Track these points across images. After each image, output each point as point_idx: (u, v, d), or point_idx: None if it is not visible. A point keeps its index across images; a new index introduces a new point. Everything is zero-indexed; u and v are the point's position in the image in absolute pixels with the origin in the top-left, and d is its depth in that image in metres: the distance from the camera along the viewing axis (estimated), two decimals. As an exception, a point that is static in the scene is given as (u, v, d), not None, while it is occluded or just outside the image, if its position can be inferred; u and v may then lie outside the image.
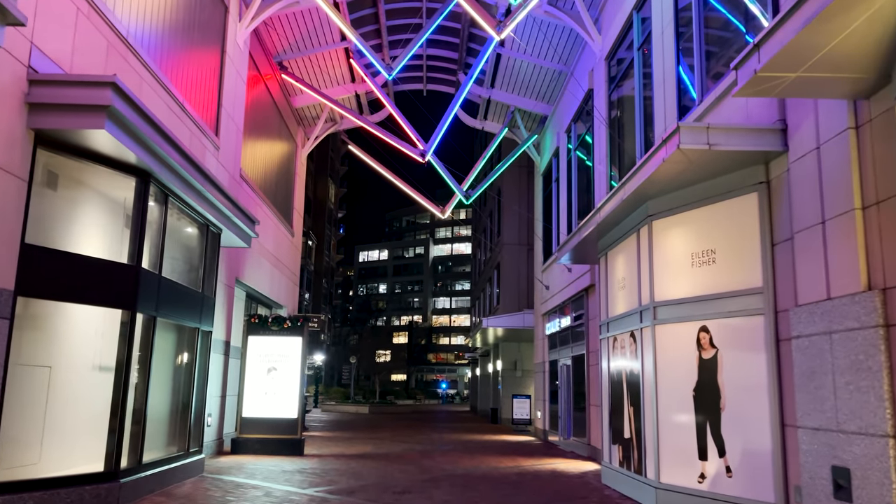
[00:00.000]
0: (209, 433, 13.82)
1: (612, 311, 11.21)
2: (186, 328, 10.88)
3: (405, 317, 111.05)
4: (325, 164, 68.72)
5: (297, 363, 14.99)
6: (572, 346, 17.51)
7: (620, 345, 10.53)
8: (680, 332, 8.65)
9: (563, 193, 18.97)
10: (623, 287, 10.56)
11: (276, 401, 14.78)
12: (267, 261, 18.36)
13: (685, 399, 8.44)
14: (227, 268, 14.59)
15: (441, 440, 20.23)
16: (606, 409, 11.26)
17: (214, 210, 10.98)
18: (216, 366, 14.11)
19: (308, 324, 15.30)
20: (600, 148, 14.90)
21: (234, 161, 15.03)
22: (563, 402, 18.41)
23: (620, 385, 10.50)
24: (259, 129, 18.36)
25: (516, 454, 16.23)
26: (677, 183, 8.42)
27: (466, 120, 24.05)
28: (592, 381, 15.49)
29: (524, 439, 21.43)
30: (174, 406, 10.70)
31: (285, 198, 21.39)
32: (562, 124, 19.42)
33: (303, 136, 23.17)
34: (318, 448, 16.55)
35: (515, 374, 30.13)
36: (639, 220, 9.69)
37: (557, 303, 19.09)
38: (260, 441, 14.50)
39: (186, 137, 11.88)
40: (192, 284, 10.93)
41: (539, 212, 22.96)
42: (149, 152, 8.43)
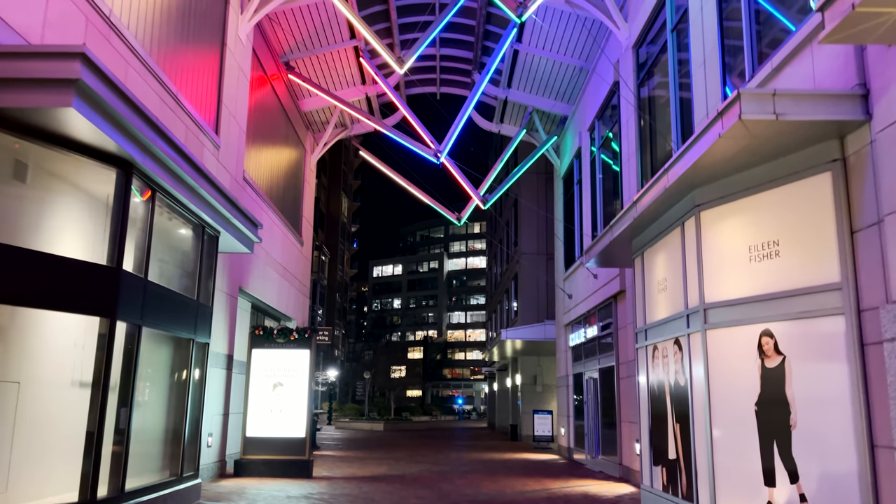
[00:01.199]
0: (210, 454, 12.78)
1: (650, 317, 10.07)
2: (179, 339, 9.87)
3: (420, 332, 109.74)
4: (338, 177, 68.07)
5: (304, 378, 13.93)
6: (599, 358, 16.33)
7: (662, 354, 9.38)
8: (737, 337, 7.51)
9: (587, 196, 17.88)
10: (664, 289, 9.44)
11: (282, 419, 13.72)
12: (274, 270, 17.39)
13: (745, 415, 7.28)
14: (229, 276, 13.61)
15: (459, 460, 19.06)
16: (646, 426, 10.09)
17: (210, 209, 10.01)
18: (217, 381, 13.10)
19: (316, 336, 14.26)
20: (629, 143, 13.81)
21: (237, 163, 14.10)
22: (590, 419, 17.20)
23: (663, 399, 9.35)
24: (265, 133, 17.47)
25: (542, 475, 15.03)
26: (732, 165, 7.31)
27: (482, 123, 23.07)
28: (623, 396, 14.30)
29: (547, 458, 20.21)
30: (165, 426, 9.67)
31: (294, 205, 20.45)
32: (584, 123, 18.37)
33: (312, 142, 22.28)
34: (329, 469, 15.45)
35: (535, 388, 28.89)
36: (683, 212, 8.59)
37: (582, 312, 17.94)
38: (265, 462, 13.43)
39: (181, 133, 10.95)
40: (185, 291, 9.93)
41: (560, 217, 21.86)
42: (130, 139, 7.46)
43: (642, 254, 10.46)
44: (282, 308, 18.28)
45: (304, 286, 21.69)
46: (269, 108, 17.87)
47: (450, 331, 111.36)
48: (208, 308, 10.70)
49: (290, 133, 19.94)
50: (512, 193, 33.44)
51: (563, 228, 21.44)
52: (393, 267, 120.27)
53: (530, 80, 19.94)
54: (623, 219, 10.02)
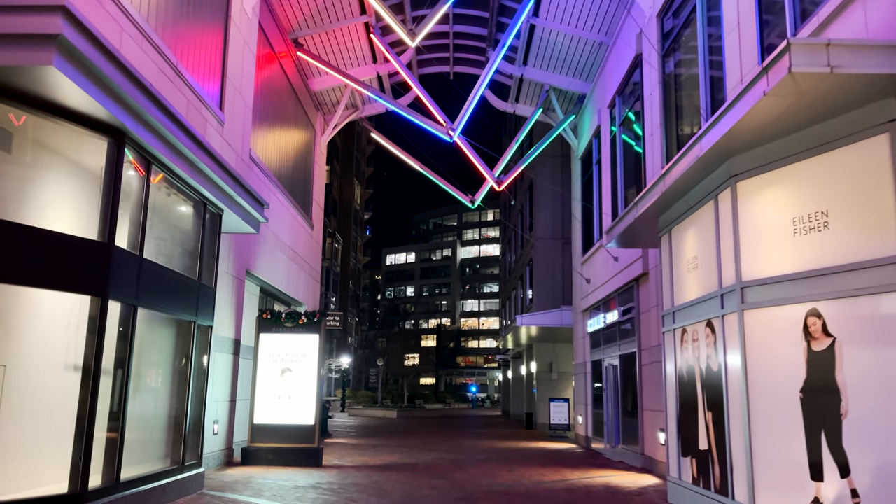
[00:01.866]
0: (216, 442, 12.34)
1: (679, 299, 9.45)
2: (180, 322, 9.38)
3: (433, 320, 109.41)
4: (351, 164, 67.56)
5: (314, 364, 13.44)
6: (620, 344, 15.72)
7: (692, 337, 8.77)
8: (779, 317, 6.88)
9: (606, 175, 17.20)
10: (695, 268, 8.81)
11: (290, 405, 13.25)
12: (283, 253, 16.89)
13: (789, 402, 6.67)
14: (236, 257, 13.12)
15: (474, 448, 18.56)
16: (674, 414, 9.49)
17: (212, 186, 9.48)
18: (224, 367, 12.64)
19: (326, 320, 13.75)
20: (653, 118, 13.13)
21: (243, 141, 13.57)
22: (610, 407, 16.61)
23: (693, 385, 8.74)
24: (273, 113, 16.92)
25: (559, 465, 14.49)
26: (773, 129, 6.66)
27: (496, 103, 22.40)
28: (646, 383, 13.70)
29: (564, 447, 19.67)
30: (166, 412, 9.20)
31: (304, 188, 19.93)
32: (603, 100, 17.66)
33: (322, 123, 21.72)
34: (340, 457, 15.00)
35: (551, 376, 28.33)
36: (717, 184, 7.94)
37: (601, 297, 17.32)
38: (273, 451, 12.97)
39: (182, 106, 10.41)
40: (185, 271, 9.43)
41: (577, 199, 21.19)
42: (121, 105, 6.93)
43: (669, 231, 9.82)
44: (291, 292, 17.80)
45: (315, 270, 21.20)
46: (278, 87, 17.31)
47: (463, 319, 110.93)
48: (211, 290, 10.20)
49: (299, 113, 19.39)
50: (527, 176, 32.76)
51: (580, 210, 20.78)
52: (406, 255, 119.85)
53: (547, 56, 19.25)
54: (649, 194, 9.39)
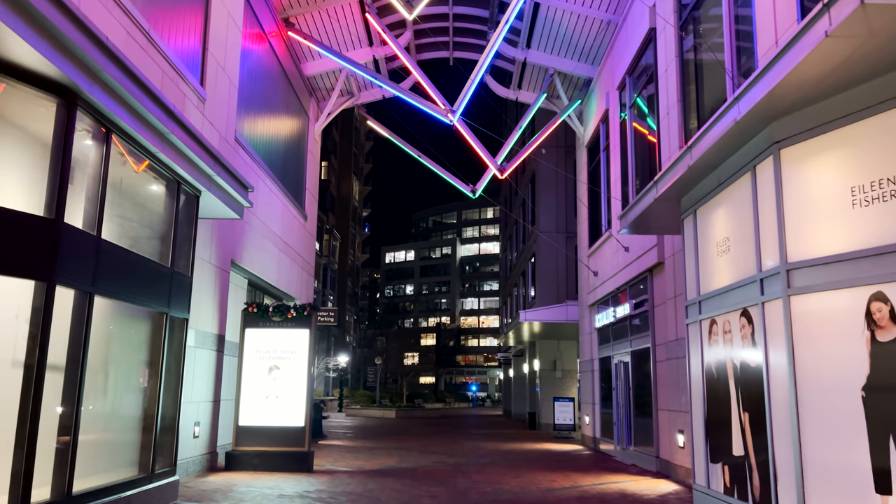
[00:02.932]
0: (197, 446, 11.39)
1: (706, 287, 8.50)
2: (148, 313, 8.42)
3: (433, 318, 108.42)
4: (349, 159, 66.60)
5: (304, 361, 12.48)
6: (631, 340, 14.77)
7: (724, 329, 7.81)
8: (835, 303, 5.93)
9: (615, 161, 16.25)
10: (726, 251, 7.85)
11: (278, 406, 12.29)
12: (273, 244, 15.93)
13: (848, 402, 5.71)
14: (220, 246, 12.16)
15: (476, 450, 17.61)
16: (700, 415, 8.53)
17: (187, 163, 8.52)
18: (206, 364, 11.69)
19: (317, 314, 12.80)
20: (668, 95, 12.18)
21: (227, 121, 12.61)
22: (620, 406, 15.66)
23: (724, 383, 7.79)
24: (263, 96, 15.96)
25: (568, 469, 13.54)
26: (832, 81, 5.70)
27: (498, 90, 21.44)
28: (661, 380, 12.76)
29: (570, 448, 18.72)
30: (133, 414, 8.24)
31: (296, 176, 18.96)
32: (612, 82, 16.70)
33: (316, 110, 20.75)
34: (333, 461, 14.05)
35: (555, 374, 27.38)
36: (756, 153, 6.98)
37: (610, 290, 16.36)
38: (259, 455, 12.02)
39: (157, 78, 9.44)
40: (156, 257, 8.47)
41: (583, 189, 20.23)
42: (70, 59, 5.97)
43: (694, 213, 8.86)
44: (282, 286, 16.84)
45: (309, 264, 20.25)
46: (268, 69, 16.35)
47: (463, 317, 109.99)
48: (187, 278, 9.25)
49: (291, 99, 18.42)
50: (529, 168, 31.81)
51: (587, 200, 19.82)
52: (405, 253, 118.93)
53: (551, 38, 18.29)
54: (672, 171, 8.44)
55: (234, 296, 13.73)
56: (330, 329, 57.00)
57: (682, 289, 11.10)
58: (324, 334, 54.48)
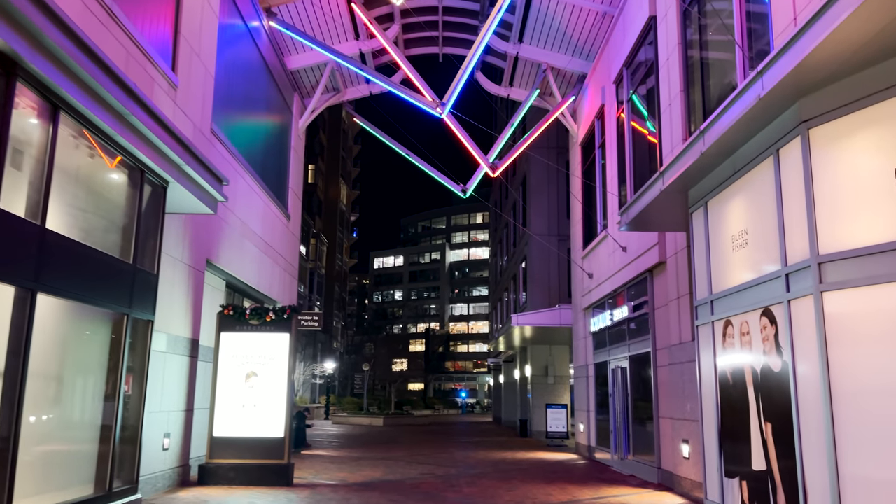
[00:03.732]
0: (167, 459, 10.57)
1: (719, 285, 7.81)
2: (106, 314, 7.63)
3: (422, 324, 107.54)
4: (337, 163, 65.80)
5: (283, 367, 11.70)
6: (629, 344, 14.08)
7: (741, 330, 7.13)
8: (875, 300, 5.25)
9: (612, 158, 15.59)
10: (743, 245, 7.17)
11: (256, 415, 11.49)
12: (253, 244, 15.14)
13: (893, 410, 5.03)
14: (193, 244, 11.37)
15: (466, 460, 16.85)
16: (713, 425, 7.84)
17: (150, 149, 7.75)
18: (178, 371, 10.89)
19: (298, 317, 12.03)
20: (671, 85, 11.53)
21: (202, 111, 11.84)
22: (618, 414, 14.96)
23: (741, 390, 7.09)
24: (244, 90, 15.21)
25: (565, 480, 12.81)
26: (876, 47, 5.03)
27: (489, 87, 20.78)
28: (662, 386, 12.07)
29: (565, 457, 18.00)
30: (88, 426, 7.44)
31: (278, 174, 18.19)
32: (608, 76, 16.07)
33: (300, 106, 19.99)
34: (316, 473, 13.25)
35: (547, 380, 26.68)
36: (780, 134, 6.31)
37: (606, 292, 15.69)
38: (235, 468, 11.20)
39: (120, 58, 8.67)
40: (115, 252, 7.69)
41: (577, 189, 19.57)
42: (5, 18, 5.21)
43: (705, 205, 8.19)
44: (263, 289, 16.05)
45: (292, 266, 19.45)
46: (249, 61, 15.60)
47: (452, 323, 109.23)
48: (152, 277, 8.46)
49: (273, 94, 17.67)
50: (520, 170, 31.17)
51: (580, 201, 19.16)
52: (394, 258, 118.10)
53: (545, 32, 17.66)
54: (681, 159, 7.76)
55: (211, 298, 12.94)
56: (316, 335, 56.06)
57: (687, 289, 10.43)
58: (310, 340, 53.52)
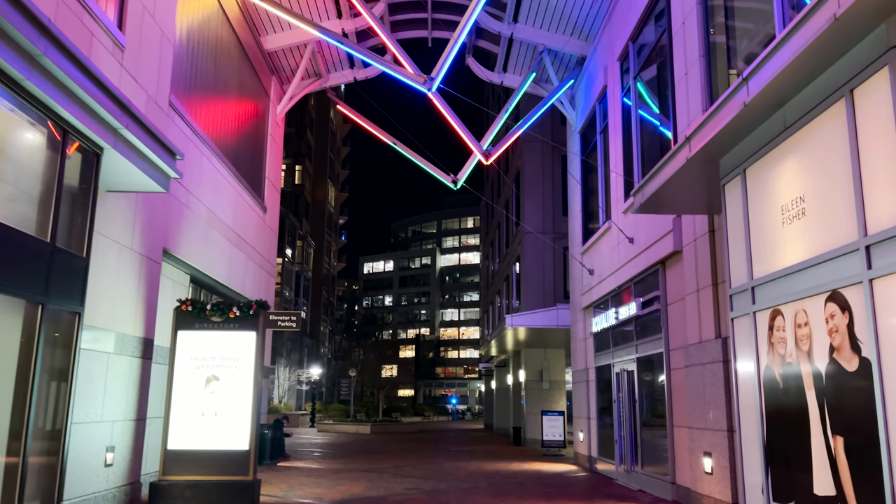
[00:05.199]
0: (110, 477, 9.13)
1: (763, 267, 6.49)
2: (12, 303, 6.21)
3: (412, 330, 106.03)
4: (324, 164, 64.35)
5: (249, 370, 10.29)
6: (637, 345, 12.76)
7: (796, 322, 5.80)
8: None
9: (616, 143, 14.29)
10: (798, 216, 5.85)
11: (218, 425, 10.05)
12: (222, 235, 13.74)
13: None
14: (146, 229, 9.96)
15: (457, 472, 15.45)
16: (756, 439, 6.50)
17: (73, 103, 6.36)
18: (126, 374, 9.46)
19: (266, 312, 10.61)
20: (687, 51, 10.24)
21: (158, 81, 10.45)
22: (624, 421, 13.62)
23: (797, 397, 5.76)
24: (213, 67, 13.84)
25: (566, 496, 11.44)
26: None
27: (481, 73, 19.49)
28: (677, 391, 10.75)
29: (563, 468, 16.63)
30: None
31: (253, 162, 16.79)
32: (611, 54, 14.79)
33: (279, 91, 18.63)
34: (289, 488, 11.83)
35: (542, 385, 25.31)
36: (856, 69, 5.00)
37: (610, 289, 14.37)
38: (193, 486, 9.75)
39: (49, 7, 7.27)
40: (24, 226, 6.28)
41: (577, 181, 18.27)
42: None
43: (743, 173, 6.87)
44: (235, 285, 14.63)
45: (269, 263, 18.03)
46: (220, 37, 14.24)
47: (442, 328, 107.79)
48: (78, 259, 7.06)
49: (249, 76, 16.30)
50: (514, 166, 29.90)
51: (580, 192, 17.86)
52: (384, 263, 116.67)
53: (541, 10, 16.38)
54: (714, 118, 6.45)
55: (171, 293, 11.53)
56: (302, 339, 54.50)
57: (710, 280, 9.13)
58: (295, 345, 51.94)
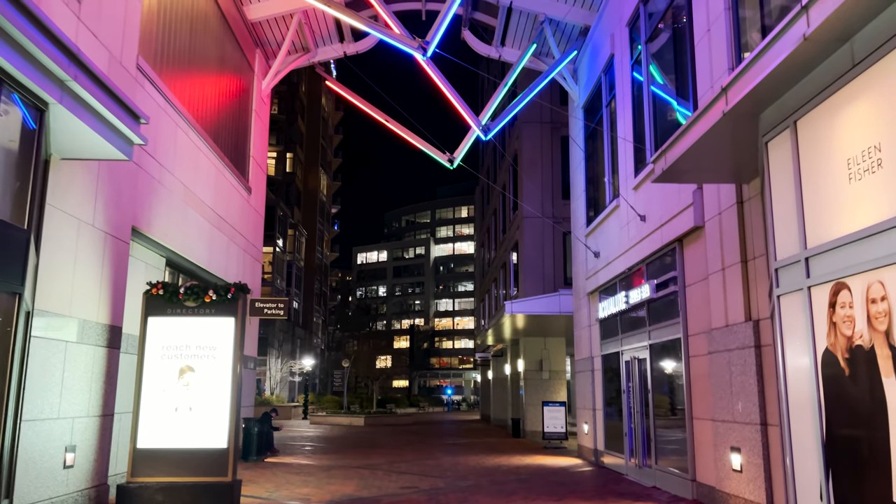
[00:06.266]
0: (70, 480, 8.17)
1: (820, 234, 5.55)
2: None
3: (406, 320, 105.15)
4: (316, 151, 63.20)
5: (227, 360, 9.32)
6: (650, 331, 11.85)
7: (867, 297, 4.86)
8: None
9: (625, 115, 13.33)
10: (871, 169, 4.90)
11: (193, 422, 9.10)
12: (201, 215, 12.73)
13: None
14: (111, 204, 8.95)
15: (455, 467, 14.55)
16: (813, 438, 5.58)
17: (9, 47, 5.35)
18: (90, 365, 8.49)
19: (247, 296, 9.62)
20: (710, 5, 9.27)
21: (123, 41, 9.40)
22: (635, 413, 12.72)
23: (869, 387, 4.85)
24: (190, 35, 12.79)
25: (575, 494, 10.54)
26: None
27: (478, 47, 18.50)
28: (697, 380, 9.84)
29: (567, 462, 15.76)
30: None
31: (236, 140, 15.76)
32: (619, 18, 13.79)
33: (264, 65, 17.58)
34: (275, 488, 10.89)
35: (541, 375, 24.42)
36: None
37: (618, 271, 13.44)
38: (165, 488, 8.80)
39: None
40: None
41: (581, 157, 17.30)
42: None
43: (793, 126, 5.91)
44: (217, 270, 13.64)
45: (255, 247, 17.02)
46: (198, 5, 13.18)
47: (437, 319, 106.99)
48: (17, 232, 6.06)
49: (231, 48, 15.24)
50: (511, 150, 28.90)
51: (583, 171, 16.90)
52: (378, 253, 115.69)
53: (543, -25, 15.38)
54: (759, 61, 5.49)
55: (145, 278, 10.55)
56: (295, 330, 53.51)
57: (738, 256, 8.21)
58: (287, 336, 50.95)
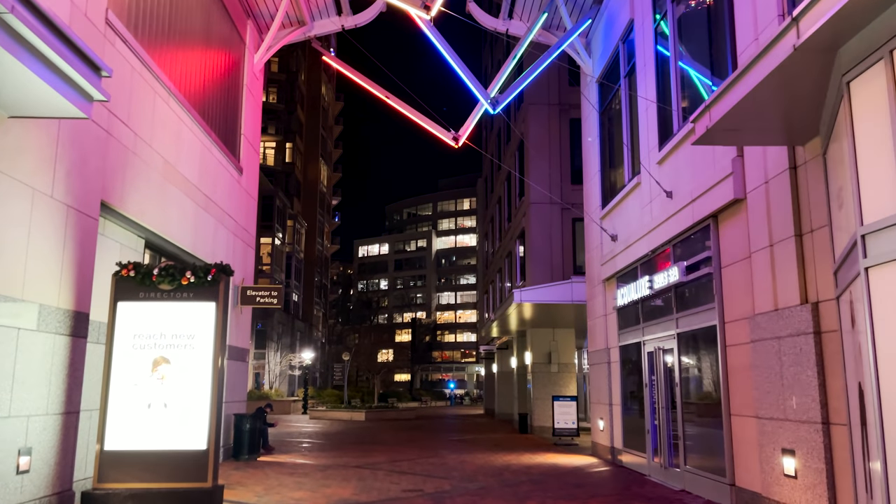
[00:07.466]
0: (26, 487, 7.10)
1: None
2: None
3: (408, 313, 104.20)
4: (316, 141, 62.08)
5: (208, 350, 8.25)
6: (678, 318, 10.76)
7: None
8: None
9: (648, 83, 12.21)
10: None
11: (168, 419, 8.04)
12: (184, 193, 11.64)
13: None
14: (74, 174, 7.86)
15: (462, 466, 13.50)
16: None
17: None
18: (48, 356, 7.41)
19: (227, 277, 8.52)
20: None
21: (90, -12, 8.31)
22: (659, 408, 11.66)
23: None
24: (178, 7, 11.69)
25: (598, 500, 9.47)
26: None
27: (484, 20, 17.34)
28: (737, 372, 8.76)
29: (581, 461, 14.72)
30: None
31: (226, 116, 14.65)
32: (640, -20, 12.67)
33: (256, 38, 16.46)
34: (265, 491, 9.84)
35: (550, 368, 23.37)
36: None
37: (640, 254, 12.35)
38: (136, 496, 7.75)
39: None
40: None
41: (595, 137, 16.19)
42: None
43: (889, 55, 4.80)
44: (202, 253, 12.55)
45: (247, 232, 15.93)
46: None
47: (439, 312, 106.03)
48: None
49: (220, 17, 14.12)
50: (515, 135, 27.77)
51: (598, 148, 15.79)
52: (379, 246, 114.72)
53: (556, -63, 14.25)
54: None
55: (118, 258, 9.45)
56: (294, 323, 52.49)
57: (792, 230, 7.12)
58: (287, 328, 49.92)
